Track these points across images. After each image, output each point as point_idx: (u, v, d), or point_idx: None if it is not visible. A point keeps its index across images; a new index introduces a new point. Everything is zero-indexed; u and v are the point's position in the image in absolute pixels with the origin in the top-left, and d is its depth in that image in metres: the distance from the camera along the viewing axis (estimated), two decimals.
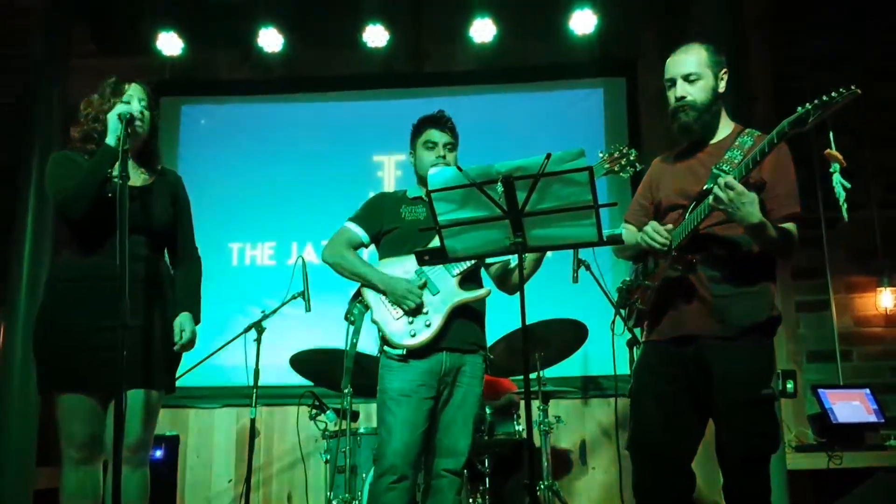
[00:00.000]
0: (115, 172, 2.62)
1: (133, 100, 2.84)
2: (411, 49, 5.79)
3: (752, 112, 4.68)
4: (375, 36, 5.21)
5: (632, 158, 2.93)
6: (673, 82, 2.76)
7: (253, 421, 4.26)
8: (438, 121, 3.32)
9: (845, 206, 2.40)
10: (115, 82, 2.88)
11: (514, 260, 3.12)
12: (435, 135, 3.29)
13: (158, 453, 4.57)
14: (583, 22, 5.12)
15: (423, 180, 3.24)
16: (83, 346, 2.70)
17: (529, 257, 3.01)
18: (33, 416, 4.71)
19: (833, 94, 2.30)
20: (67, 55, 5.27)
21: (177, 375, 2.95)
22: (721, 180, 2.47)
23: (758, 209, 2.49)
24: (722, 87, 2.77)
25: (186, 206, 3.07)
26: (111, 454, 2.51)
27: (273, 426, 5.32)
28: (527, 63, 5.77)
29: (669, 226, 2.67)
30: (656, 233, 2.65)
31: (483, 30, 5.16)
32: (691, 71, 2.73)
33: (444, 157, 3.25)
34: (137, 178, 2.88)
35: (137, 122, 2.80)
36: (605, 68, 5.73)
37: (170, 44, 5.23)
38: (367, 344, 3.41)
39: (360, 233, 3.30)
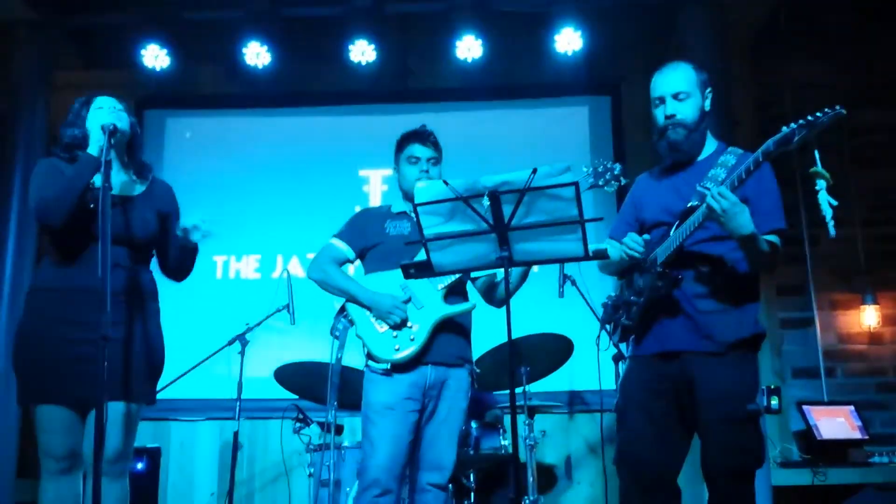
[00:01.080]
0: (99, 183, 2.60)
1: (104, 109, 2.83)
2: (398, 65, 5.80)
3: (735, 136, 4.70)
4: (362, 52, 5.22)
5: (616, 172, 2.94)
6: (662, 100, 2.73)
7: (236, 434, 4.23)
8: (421, 135, 3.32)
9: (832, 222, 2.40)
10: (87, 97, 2.89)
11: (500, 274, 3.13)
12: (418, 149, 3.29)
13: (140, 466, 4.53)
14: (568, 41, 5.15)
15: (407, 195, 3.24)
16: (62, 357, 2.66)
17: (515, 271, 3.02)
18: (13, 428, 4.66)
19: (818, 114, 2.31)
20: (53, 68, 5.25)
21: (159, 388, 2.91)
22: (714, 190, 2.45)
23: (750, 220, 2.48)
24: (707, 105, 2.78)
25: (176, 217, 3.03)
26: (90, 466, 2.48)
27: (256, 440, 5.27)
28: (513, 81, 5.80)
29: (647, 236, 2.68)
30: (634, 242, 2.67)
31: (469, 48, 5.18)
32: (681, 89, 2.71)
33: (427, 171, 3.26)
34: (123, 186, 2.85)
35: (120, 125, 2.76)
36: (590, 87, 5.77)
37: (156, 57, 5.22)
38: (353, 358, 3.40)
39: (344, 249, 3.29)
